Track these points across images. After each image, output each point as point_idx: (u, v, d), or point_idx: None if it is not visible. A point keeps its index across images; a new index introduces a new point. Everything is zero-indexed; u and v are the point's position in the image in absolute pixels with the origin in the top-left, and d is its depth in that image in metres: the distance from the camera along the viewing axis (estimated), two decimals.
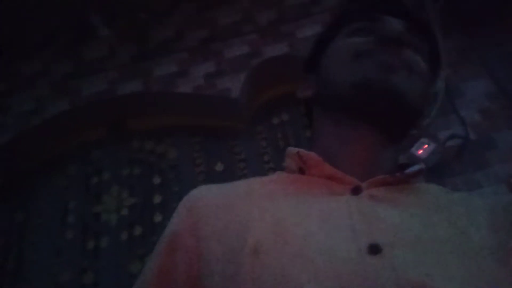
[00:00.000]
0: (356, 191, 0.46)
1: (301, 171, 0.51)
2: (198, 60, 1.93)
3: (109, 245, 1.69)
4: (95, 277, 1.64)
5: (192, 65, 1.93)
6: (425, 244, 0.40)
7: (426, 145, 1.47)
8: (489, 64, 1.70)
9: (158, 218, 1.73)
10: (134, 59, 2.03)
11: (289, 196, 0.47)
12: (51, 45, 2.15)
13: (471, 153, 1.49)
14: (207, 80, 1.86)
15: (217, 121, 1.91)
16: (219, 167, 1.83)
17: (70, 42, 2.16)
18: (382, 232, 0.41)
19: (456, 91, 1.64)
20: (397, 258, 0.38)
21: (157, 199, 1.78)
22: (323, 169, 0.48)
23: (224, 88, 1.81)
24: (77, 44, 2.14)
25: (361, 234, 0.40)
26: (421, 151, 1.46)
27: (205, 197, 0.50)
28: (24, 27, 2.08)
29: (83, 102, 1.93)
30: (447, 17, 1.74)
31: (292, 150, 0.53)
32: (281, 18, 1.97)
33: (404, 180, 0.48)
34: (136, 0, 2.07)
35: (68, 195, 1.84)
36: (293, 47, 1.87)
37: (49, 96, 1.98)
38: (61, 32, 2.15)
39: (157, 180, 1.84)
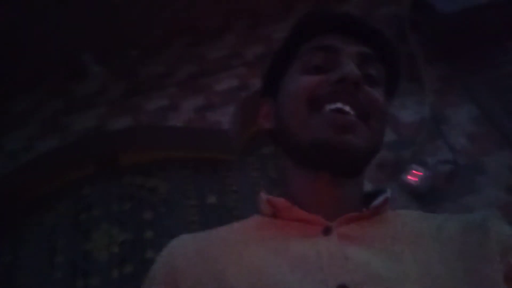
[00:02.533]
0: (326, 231, 0.48)
1: (274, 215, 0.53)
2: (188, 94, 1.96)
3: (100, 284, 1.64)
4: None
5: (182, 99, 1.96)
6: (391, 283, 0.42)
7: (419, 172, 1.48)
8: (472, 90, 1.75)
9: (149, 254, 1.69)
10: (125, 94, 2.06)
11: (264, 242, 0.49)
12: (42, 83, 2.17)
13: (461, 178, 1.50)
14: (197, 113, 1.87)
15: (208, 154, 1.91)
16: (211, 199, 1.81)
17: (61, 80, 2.19)
18: (350, 273, 0.43)
19: (442, 117, 1.67)
20: None
21: (149, 234, 1.75)
22: (292, 212, 0.51)
23: (215, 120, 1.82)
24: (69, 82, 2.17)
25: (330, 276, 0.43)
26: (413, 178, 1.47)
27: (183, 248, 0.53)
28: (14, 66, 2.10)
29: (73, 139, 1.93)
30: (430, 47, 1.79)
31: (263, 196, 0.55)
32: (268, 52, 2.02)
33: (372, 213, 0.51)
34: (127, 37, 2.12)
35: (56, 233, 1.81)
36: None
37: (39, 134, 1.98)
38: (52, 70, 2.18)
39: (148, 215, 1.82)
